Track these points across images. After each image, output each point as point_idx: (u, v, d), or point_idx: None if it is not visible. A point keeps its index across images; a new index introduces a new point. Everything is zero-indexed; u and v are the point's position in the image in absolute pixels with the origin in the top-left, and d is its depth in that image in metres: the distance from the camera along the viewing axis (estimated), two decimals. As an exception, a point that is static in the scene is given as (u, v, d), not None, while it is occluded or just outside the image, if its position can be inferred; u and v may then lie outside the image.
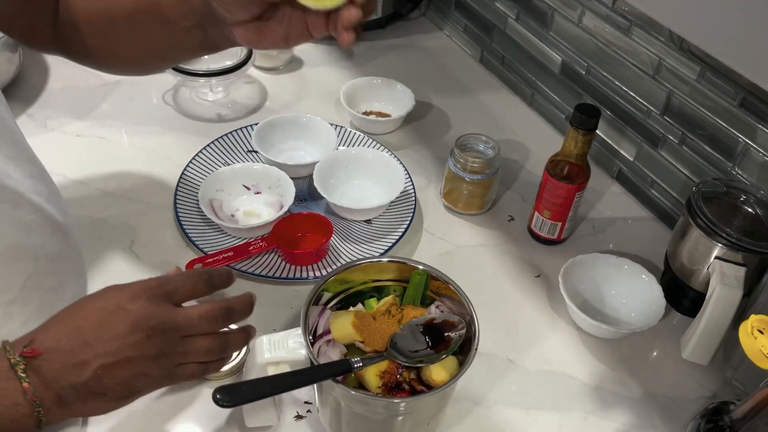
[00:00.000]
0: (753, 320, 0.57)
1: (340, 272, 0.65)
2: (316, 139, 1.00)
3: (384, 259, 0.67)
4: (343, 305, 0.67)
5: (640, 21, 0.90)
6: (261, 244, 0.85)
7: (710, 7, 0.42)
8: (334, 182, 0.94)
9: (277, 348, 0.59)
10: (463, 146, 0.92)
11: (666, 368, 0.78)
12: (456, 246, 0.91)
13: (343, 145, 1.01)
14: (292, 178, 0.91)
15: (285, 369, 0.58)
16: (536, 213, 0.89)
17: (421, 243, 0.90)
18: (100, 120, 1.05)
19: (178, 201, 0.90)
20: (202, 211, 0.86)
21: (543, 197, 0.87)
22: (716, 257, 0.76)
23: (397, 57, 1.26)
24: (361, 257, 0.81)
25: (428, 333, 0.61)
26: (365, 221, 0.92)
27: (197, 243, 0.85)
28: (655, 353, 0.80)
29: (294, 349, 0.59)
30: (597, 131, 0.84)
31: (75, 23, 0.66)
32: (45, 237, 0.61)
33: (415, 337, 0.61)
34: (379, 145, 1.01)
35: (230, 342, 0.58)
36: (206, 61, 1.15)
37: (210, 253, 0.83)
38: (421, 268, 0.65)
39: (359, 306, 0.66)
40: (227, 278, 0.60)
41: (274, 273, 0.83)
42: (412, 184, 0.96)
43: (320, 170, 0.92)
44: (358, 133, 1.03)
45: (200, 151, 0.98)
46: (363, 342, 0.61)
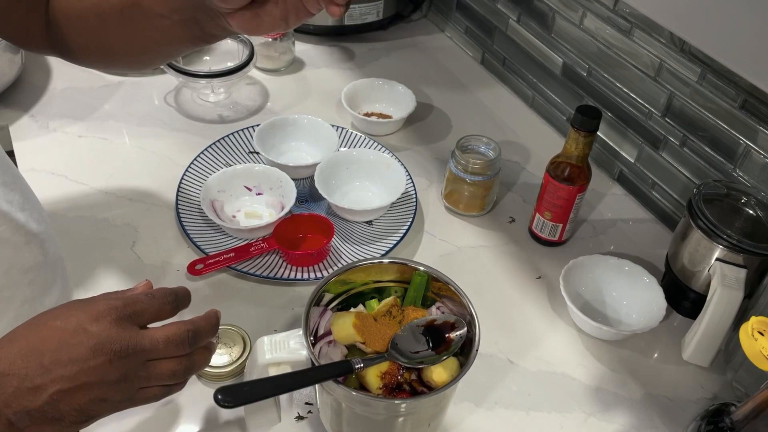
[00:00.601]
0: (753, 322, 0.57)
1: (341, 273, 0.65)
2: (317, 141, 1.01)
3: (385, 260, 0.67)
4: (344, 306, 0.67)
5: (641, 23, 0.90)
6: (262, 245, 0.85)
7: (710, 9, 0.42)
8: (336, 183, 0.94)
9: (279, 349, 0.59)
10: (464, 147, 0.92)
11: (667, 370, 0.78)
12: (457, 247, 0.91)
13: (345, 147, 1.02)
14: (294, 179, 0.91)
15: (286, 370, 0.58)
16: (537, 214, 0.89)
17: (422, 244, 0.91)
18: (101, 121, 1.05)
19: (179, 202, 0.90)
20: (204, 212, 0.87)
21: (544, 199, 0.87)
22: (717, 259, 0.76)
23: (398, 58, 1.26)
24: (362, 258, 0.81)
25: (429, 334, 0.61)
26: (366, 222, 0.92)
27: (198, 244, 0.85)
28: (655, 355, 0.80)
29: (295, 350, 0.59)
30: (598, 133, 0.84)
31: (66, 21, 0.65)
32: (17, 248, 0.59)
33: (415, 338, 0.61)
34: (380, 146, 1.01)
35: (195, 363, 0.55)
36: (208, 63, 1.16)
37: (211, 254, 0.83)
38: (422, 269, 0.65)
39: (360, 307, 0.66)
40: (188, 299, 0.57)
41: (275, 274, 0.83)
42: (413, 186, 0.96)
43: (321, 171, 0.92)
44: (359, 134, 1.03)
45: (202, 152, 0.98)
46: (364, 343, 0.61)
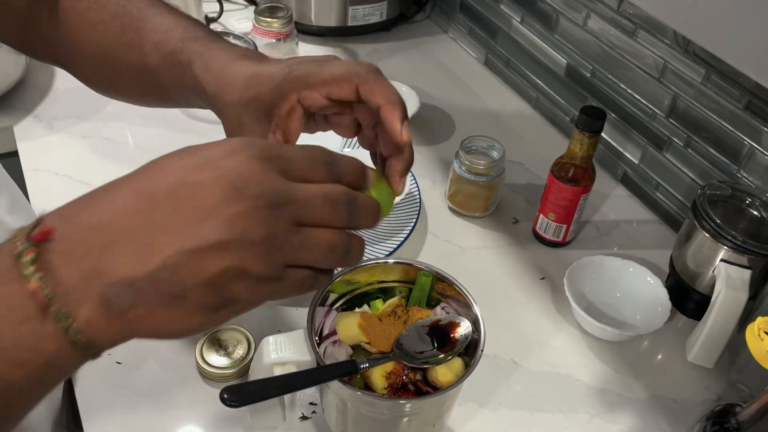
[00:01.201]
0: (760, 322, 0.57)
1: (345, 273, 0.65)
2: (320, 141, 1.00)
3: (390, 261, 0.67)
4: (349, 306, 0.67)
5: (646, 24, 0.90)
6: (266, 245, 0.85)
7: (716, 7, 0.42)
8: (339, 184, 0.94)
9: (284, 349, 0.59)
10: (467, 148, 0.92)
11: (671, 371, 0.78)
12: (460, 248, 0.91)
13: (348, 148, 1.01)
14: (297, 179, 0.91)
15: (291, 369, 0.58)
16: (541, 215, 0.89)
17: (426, 245, 0.90)
18: (105, 121, 1.05)
19: (183, 202, 0.90)
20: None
21: (548, 199, 0.87)
22: (721, 260, 0.76)
23: (401, 59, 1.26)
24: (366, 258, 0.81)
25: (434, 334, 0.61)
26: (370, 223, 0.91)
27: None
28: (660, 356, 0.80)
29: (300, 350, 0.59)
30: (602, 134, 0.84)
31: (77, 54, 0.62)
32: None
33: (420, 338, 0.61)
34: (383, 147, 1.01)
35: (353, 245, 0.40)
36: (211, 63, 1.16)
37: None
38: (426, 269, 0.65)
39: (365, 307, 0.66)
40: (357, 174, 0.43)
41: (279, 274, 0.83)
42: (417, 186, 0.96)
43: (325, 172, 0.92)
44: (363, 135, 1.03)
45: (205, 153, 0.98)
46: (369, 343, 0.61)
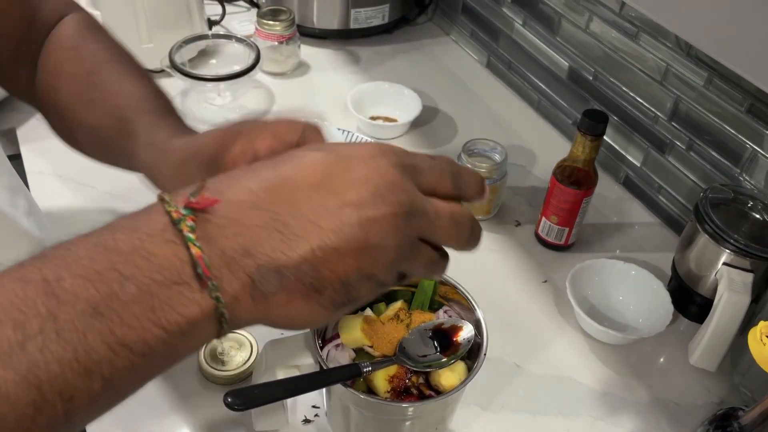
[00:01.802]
0: (762, 326, 0.57)
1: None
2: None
3: (392, 264, 0.67)
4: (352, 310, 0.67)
5: (648, 27, 0.90)
6: (269, 248, 0.85)
7: (717, 12, 0.42)
8: (342, 187, 0.94)
9: (286, 352, 0.59)
10: (470, 151, 0.92)
11: (673, 374, 0.78)
12: (463, 251, 0.91)
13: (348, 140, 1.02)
14: (300, 182, 0.91)
15: (294, 373, 0.58)
16: (543, 218, 0.89)
17: (428, 248, 0.90)
18: (108, 124, 1.05)
19: (186, 205, 0.90)
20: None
21: (550, 202, 0.87)
22: (724, 263, 0.76)
23: (404, 62, 1.26)
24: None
25: (437, 338, 0.61)
26: (372, 226, 0.92)
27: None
28: (662, 359, 0.80)
29: (303, 354, 0.59)
30: (604, 137, 0.84)
31: (49, 100, 0.61)
32: (18, 255, 0.57)
33: (423, 341, 0.61)
34: (386, 149, 1.01)
35: (447, 264, 0.43)
36: (214, 66, 1.16)
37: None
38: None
39: (368, 311, 0.66)
40: (478, 188, 0.45)
41: (282, 277, 0.83)
42: (419, 189, 0.96)
43: (328, 175, 0.92)
44: (365, 137, 1.03)
45: (208, 156, 0.98)
46: (371, 346, 0.61)
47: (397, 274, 0.39)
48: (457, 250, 0.43)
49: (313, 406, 0.71)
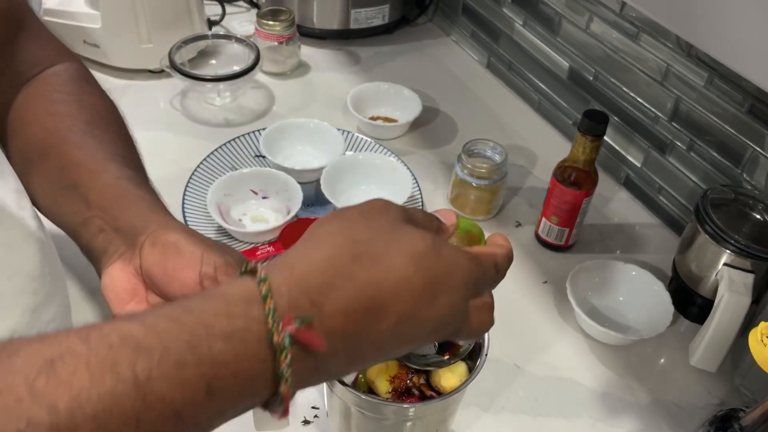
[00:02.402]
0: (763, 327, 0.57)
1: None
2: (323, 144, 1.01)
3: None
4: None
5: (648, 27, 0.90)
6: (269, 248, 0.85)
7: (717, 12, 0.42)
8: (342, 187, 0.94)
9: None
10: (470, 151, 0.92)
11: (674, 375, 0.78)
12: (463, 251, 0.91)
13: (351, 151, 1.02)
14: (300, 183, 0.91)
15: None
16: (543, 219, 0.89)
17: (429, 248, 0.90)
18: (108, 124, 1.05)
19: (186, 205, 0.90)
20: (210, 216, 0.87)
21: (550, 203, 0.87)
22: (724, 264, 0.76)
23: (404, 62, 1.26)
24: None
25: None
26: (372, 226, 0.91)
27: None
28: (662, 360, 0.80)
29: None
30: (605, 137, 0.84)
31: (15, 132, 0.61)
32: (26, 256, 0.54)
33: None
34: (386, 150, 1.01)
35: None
36: (214, 66, 1.16)
37: (218, 257, 0.83)
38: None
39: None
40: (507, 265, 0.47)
41: (282, 278, 0.83)
42: (419, 190, 0.96)
43: (327, 175, 0.92)
44: (365, 138, 1.03)
45: (208, 156, 0.98)
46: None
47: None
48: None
49: (313, 407, 0.71)
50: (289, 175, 0.92)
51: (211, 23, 1.22)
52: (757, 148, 0.81)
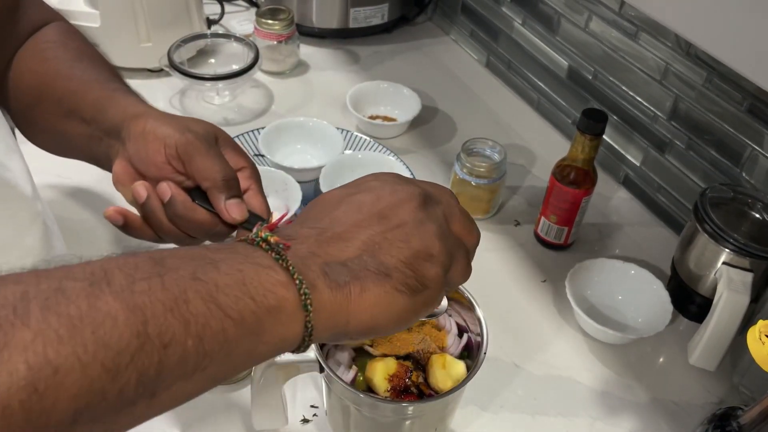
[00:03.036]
0: (761, 325, 0.57)
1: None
2: (322, 143, 1.01)
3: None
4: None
5: (647, 26, 0.90)
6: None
7: (717, 10, 0.42)
8: (341, 186, 0.94)
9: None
10: (469, 150, 0.92)
11: (673, 374, 0.78)
12: (462, 250, 0.91)
13: (350, 150, 1.02)
14: (299, 182, 0.91)
15: (294, 371, 0.58)
16: (543, 218, 0.89)
17: (428, 247, 0.90)
18: (107, 123, 1.05)
19: (184, 204, 0.90)
20: (209, 215, 0.86)
21: (549, 202, 0.87)
22: (723, 263, 0.76)
23: (403, 61, 1.26)
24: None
25: None
26: (371, 225, 0.91)
27: (204, 246, 0.85)
28: (661, 359, 0.80)
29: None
30: (604, 136, 0.84)
31: (13, 86, 0.65)
32: (34, 237, 0.58)
33: None
34: (385, 149, 1.01)
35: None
36: (213, 65, 1.16)
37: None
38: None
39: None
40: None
41: (281, 276, 0.83)
42: (419, 189, 0.96)
43: (326, 174, 0.92)
44: (364, 137, 1.03)
45: (207, 155, 0.98)
46: (371, 345, 0.61)
47: (455, 250, 0.44)
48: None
49: (312, 406, 0.71)
50: (289, 174, 0.92)
51: (210, 22, 1.22)
52: (756, 147, 0.81)
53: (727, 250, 0.75)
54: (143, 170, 0.56)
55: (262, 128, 1.00)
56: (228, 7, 1.30)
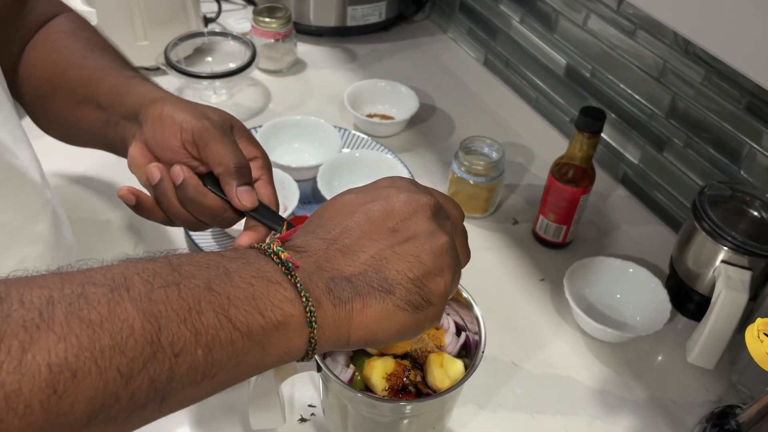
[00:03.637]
0: (759, 323, 0.56)
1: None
2: (320, 142, 1.00)
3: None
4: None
5: (645, 24, 0.90)
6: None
7: (716, 8, 0.42)
8: (338, 185, 0.94)
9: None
10: (467, 149, 0.92)
11: (671, 372, 0.78)
12: (460, 249, 0.90)
13: (347, 148, 1.01)
14: (296, 180, 0.91)
15: (291, 370, 0.57)
16: (541, 216, 0.89)
17: (426, 246, 0.90)
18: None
19: (182, 203, 0.90)
20: (206, 214, 0.86)
21: (548, 200, 0.87)
22: (722, 261, 0.75)
23: (400, 59, 1.26)
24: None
25: None
26: (369, 224, 0.91)
27: (201, 245, 0.84)
28: (660, 357, 0.80)
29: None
30: (602, 134, 0.84)
31: (26, 77, 0.67)
32: (45, 224, 0.59)
33: None
34: (383, 147, 1.01)
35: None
36: (210, 64, 1.16)
37: (214, 255, 0.83)
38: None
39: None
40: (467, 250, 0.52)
41: (278, 275, 0.83)
42: (417, 187, 0.95)
43: (324, 173, 0.92)
44: (362, 135, 1.03)
45: (204, 153, 0.98)
46: (368, 345, 0.61)
47: (457, 264, 0.45)
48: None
49: (310, 405, 0.70)
50: (286, 173, 0.91)
51: (207, 20, 1.22)
52: (755, 145, 0.81)
53: (726, 248, 0.75)
54: (158, 153, 0.58)
55: (260, 127, 1.00)
56: (225, 5, 1.30)
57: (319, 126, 1.01)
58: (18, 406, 0.30)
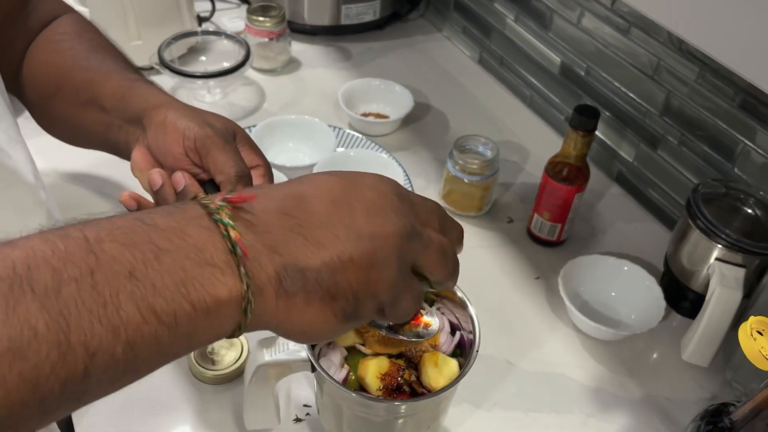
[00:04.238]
0: (752, 321, 0.57)
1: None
2: (314, 141, 1.00)
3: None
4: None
5: (639, 22, 0.90)
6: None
7: (709, 7, 0.42)
8: (333, 184, 0.93)
9: (278, 350, 0.58)
10: (461, 147, 0.92)
11: (666, 370, 0.78)
12: (455, 248, 0.90)
13: (342, 147, 1.01)
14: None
15: (286, 370, 0.57)
16: (535, 214, 0.89)
17: (420, 245, 0.90)
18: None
19: (176, 203, 0.90)
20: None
21: (542, 199, 0.87)
22: (716, 258, 0.76)
23: (395, 58, 1.25)
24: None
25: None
26: (364, 223, 0.91)
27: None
28: (654, 355, 0.80)
29: (294, 351, 0.58)
30: (596, 132, 0.84)
31: (29, 78, 0.67)
32: (38, 225, 0.59)
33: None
34: (377, 146, 1.01)
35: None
36: (204, 63, 1.15)
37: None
38: (420, 270, 0.65)
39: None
40: (459, 234, 0.50)
41: (273, 275, 0.82)
42: (411, 186, 0.96)
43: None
44: (356, 134, 1.03)
45: (198, 153, 0.97)
46: (363, 344, 0.61)
47: (404, 288, 0.43)
48: (439, 282, 0.47)
49: (305, 405, 0.70)
50: (280, 172, 0.91)
51: (200, 20, 1.21)
52: (749, 143, 0.81)
53: (720, 245, 0.75)
54: (161, 159, 0.58)
55: (254, 126, 0.99)
56: (219, 5, 1.30)
57: (313, 125, 1.01)
58: None
